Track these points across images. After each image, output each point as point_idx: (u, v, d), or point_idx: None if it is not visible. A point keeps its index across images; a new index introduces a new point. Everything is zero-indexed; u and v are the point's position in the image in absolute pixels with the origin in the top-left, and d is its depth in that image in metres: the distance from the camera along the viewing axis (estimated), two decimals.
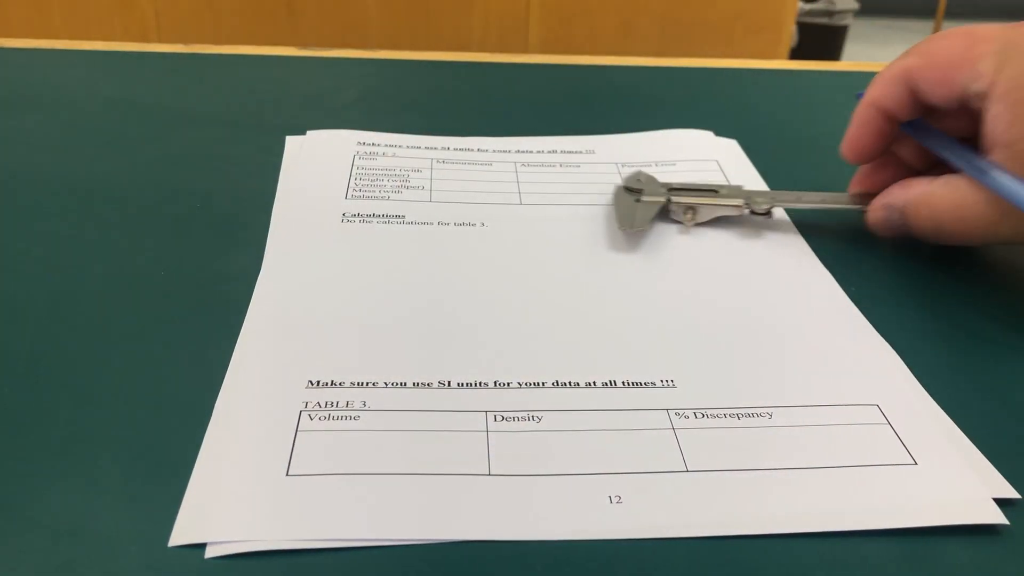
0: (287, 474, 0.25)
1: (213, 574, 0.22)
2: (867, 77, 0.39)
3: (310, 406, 0.27)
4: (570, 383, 0.30)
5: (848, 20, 2.39)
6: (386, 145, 0.45)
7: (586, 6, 1.43)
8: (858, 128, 0.39)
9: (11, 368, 0.29)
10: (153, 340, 0.31)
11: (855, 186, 0.41)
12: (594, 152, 0.47)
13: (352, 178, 0.42)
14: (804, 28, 2.31)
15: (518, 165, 0.44)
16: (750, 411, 0.28)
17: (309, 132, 0.47)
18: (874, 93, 0.38)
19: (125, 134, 0.47)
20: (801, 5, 2.32)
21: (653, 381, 0.30)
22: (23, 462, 0.25)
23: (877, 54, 2.96)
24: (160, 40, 1.36)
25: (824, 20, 2.36)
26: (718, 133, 0.50)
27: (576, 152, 0.47)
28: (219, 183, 0.42)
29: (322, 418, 0.27)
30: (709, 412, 0.28)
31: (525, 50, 1.45)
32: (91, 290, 0.33)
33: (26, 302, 0.32)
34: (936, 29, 3.16)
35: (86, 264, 0.35)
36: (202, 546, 0.23)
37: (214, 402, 0.27)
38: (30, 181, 0.41)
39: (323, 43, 1.29)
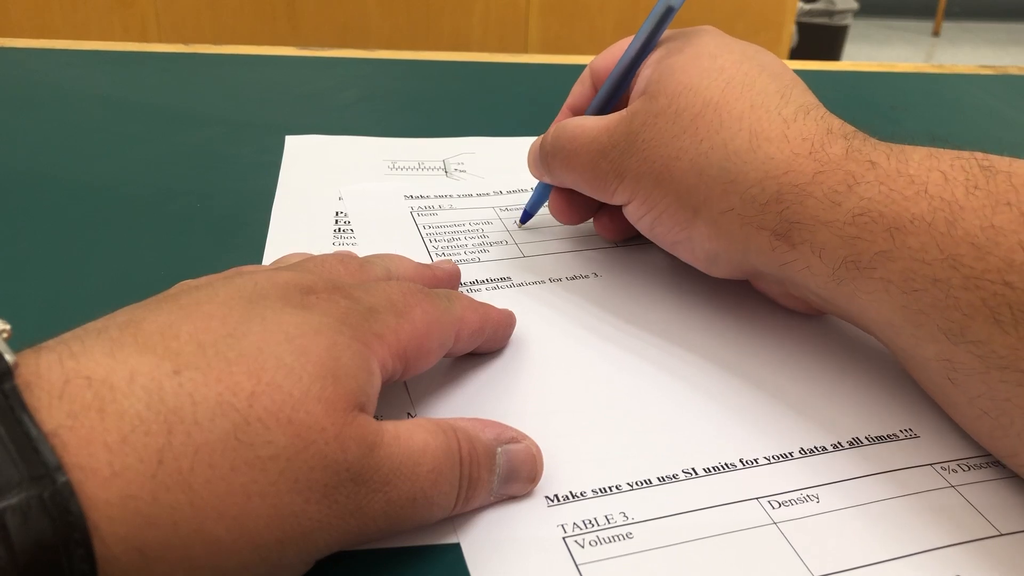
0: None
1: None
2: (867, 77, 0.39)
3: None
4: (830, 446, 0.26)
5: (848, 20, 2.39)
6: (435, 196, 0.41)
7: (586, 6, 1.43)
8: None
9: None
10: None
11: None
12: None
13: (426, 240, 0.37)
14: (804, 28, 2.31)
15: None
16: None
17: (343, 188, 0.41)
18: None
19: (125, 134, 0.47)
20: (801, 5, 2.32)
21: (895, 434, 0.27)
22: None
23: (877, 54, 2.96)
24: (160, 40, 1.36)
25: (824, 20, 2.36)
26: None
27: None
28: (219, 183, 0.42)
29: None
30: (972, 463, 0.26)
31: (525, 50, 1.45)
32: (91, 290, 0.33)
33: (26, 302, 0.32)
34: (936, 29, 3.16)
35: (86, 264, 0.35)
36: None
37: None
38: (31, 181, 0.41)
39: (323, 43, 1.29)
